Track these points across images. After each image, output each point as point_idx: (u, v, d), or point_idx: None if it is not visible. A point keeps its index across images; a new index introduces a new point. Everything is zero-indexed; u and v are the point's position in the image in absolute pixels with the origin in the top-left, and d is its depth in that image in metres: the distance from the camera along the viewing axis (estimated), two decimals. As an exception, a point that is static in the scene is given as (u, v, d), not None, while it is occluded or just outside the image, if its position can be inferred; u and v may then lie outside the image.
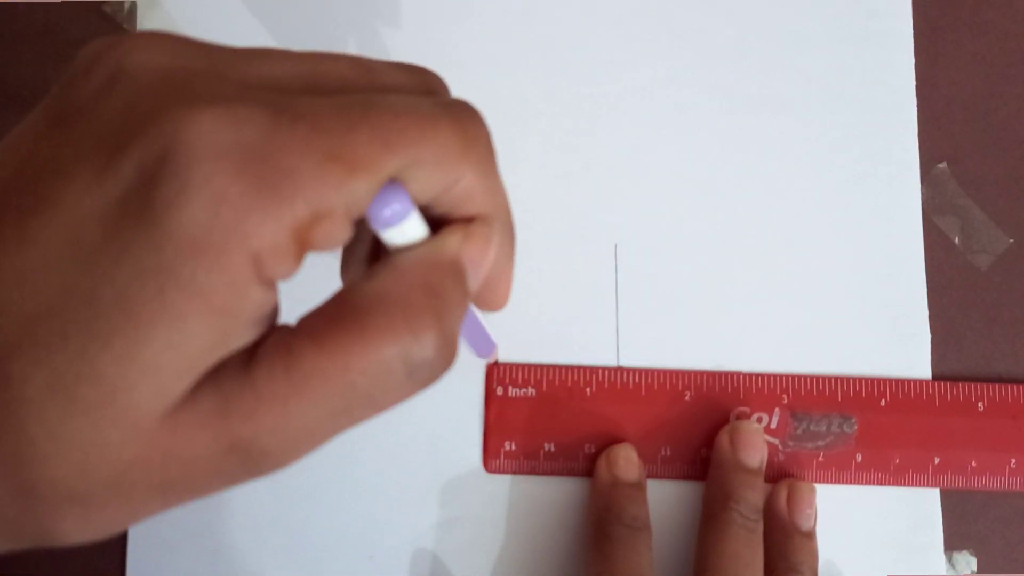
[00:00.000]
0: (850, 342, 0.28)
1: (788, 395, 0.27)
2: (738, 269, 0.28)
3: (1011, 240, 0.28)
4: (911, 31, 0.29)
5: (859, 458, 0.27)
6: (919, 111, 0.28)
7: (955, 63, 0.29)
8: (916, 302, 0.28)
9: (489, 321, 0.24)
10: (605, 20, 0.29)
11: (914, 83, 0.29)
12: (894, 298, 0.28)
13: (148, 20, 0.29)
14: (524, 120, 0.29)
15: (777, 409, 0.27)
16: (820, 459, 0.27)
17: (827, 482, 0.27)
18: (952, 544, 0.27)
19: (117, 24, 0.29)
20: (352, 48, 0.29)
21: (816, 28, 0.29)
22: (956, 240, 0.28)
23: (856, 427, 0.27)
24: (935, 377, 0.28)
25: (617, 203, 0.28)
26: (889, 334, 0.28)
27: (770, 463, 0.27)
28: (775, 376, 0.27)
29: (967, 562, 0.27)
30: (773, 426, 0.27)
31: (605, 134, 0.28)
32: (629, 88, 0.29)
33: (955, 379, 0.28)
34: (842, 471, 0.27)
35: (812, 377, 0.27)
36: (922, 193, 0.28)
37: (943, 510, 0.27)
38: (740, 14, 0.29)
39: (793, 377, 0.27)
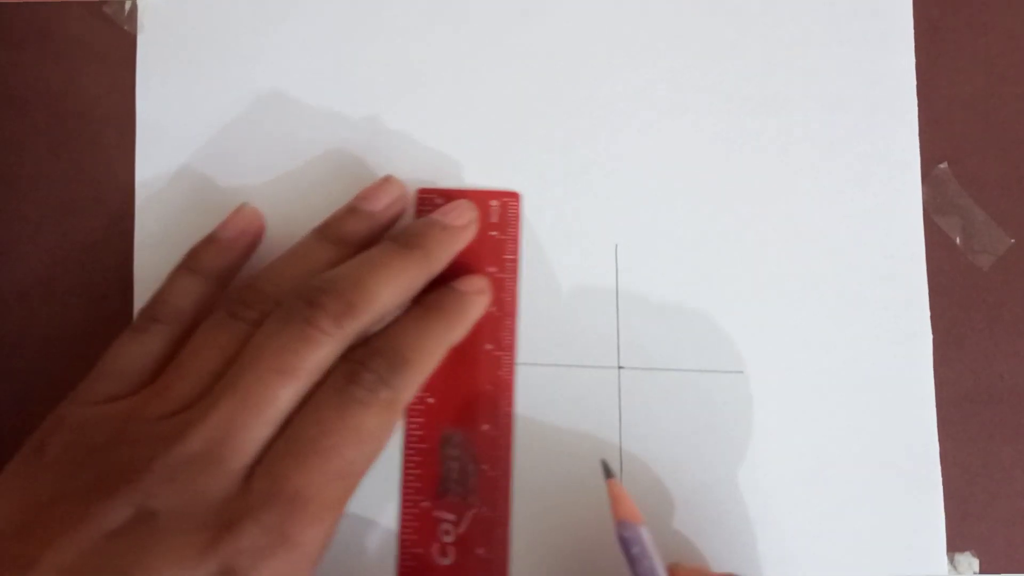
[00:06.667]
0: (851, 342, 0.28)
1: None
2: (738, 269, 0.28)
3: (1012, 240, 0.28)
4: (911, 31, 0.29)
5: None
6: (920, 111, 0.28)
7: (956, 63, 0.29)
8: (917, 302, 0.28)
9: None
10: (605, 21, 0.29)
11: (915, 83, 0.29)
12: (895, 298, 0.28)
13: (148, 21, 0.29)
14: (524, 121, 0.29)
15: None
16: None
17: (828, 483, 0.27)
18: (954, 545, 0.27)
19: (118, 26, 0.29)
20: (351, 50, 0.29)
21: (816, 29, 0.29)
22: (957, 240, 0.28)
23: None
24: (937, 378, 0.28)
25: (617, 203, 0.28)
26: (890, 334, 0.28)
27: None
28: None
29: (969, 563, 0.27)
30: None
31: (604, 135, 0.28)
32: (629, 89, 0.29)
33: (958, 380, 0.27)
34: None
35: None
36: (923, 193, 0.28)
37: (946, 511, 0.27)
38: (740, 15, 0.29)
39: None
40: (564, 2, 0.29)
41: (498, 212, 0.27)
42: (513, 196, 0.28)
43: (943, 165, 0.28)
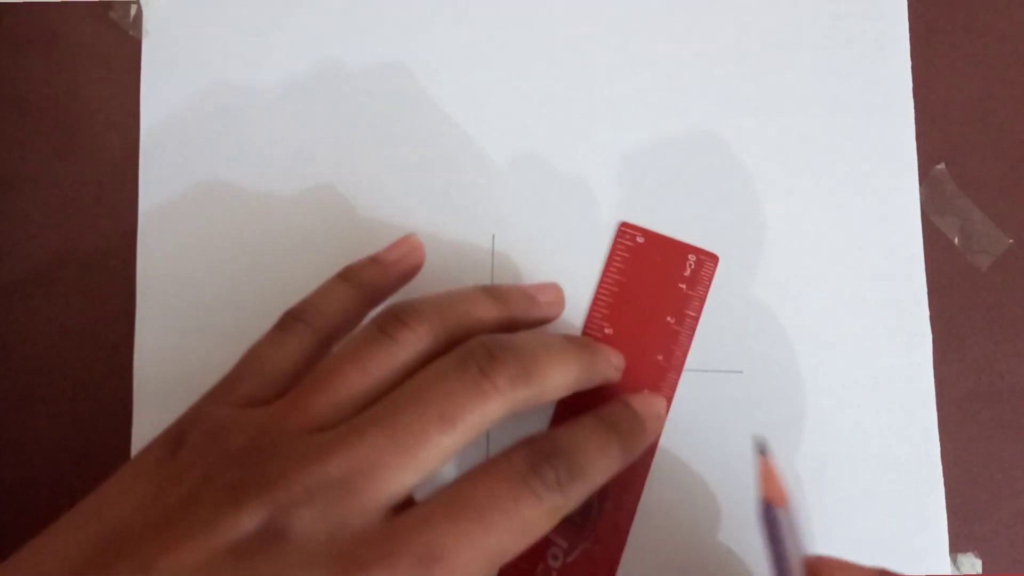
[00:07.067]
0: (851, 343, 0.28)
1: None
2: (738, 270, 0.28)
3: (1011, 240, 0.28)
4: (907, 33, 0.29)
5: None
6: (916, 112, 0.29)
7: (952, 65, 0.29)
8: (917, 303, 0.28)
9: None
10: (604, 23, 0.29)
11: (911, 85, 0.29)
12: (895, 299, 0.28)
13: (153, 26, 0.29)
14: (524, 122, 0.29)
15: None
16: None
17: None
18: (957, 546, 0.27)
19: (122, 30, 0.29)
20: (354, 54, 0.29)
21: (813, 31, 0.29)
22: (956, 240, 0.28)
23: None
24: (937, 378, 0.27)
25: (617, 205, 0.28)
26: (890, 335, 0.28)
27: None
28: None
29: (972, 564, 0.27)
30: None
31: (603, 135, 0.29)
32: (628, 89, 0.29)
33: (958, 380, 0.27)
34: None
35: None
36: (921, 194, 0.28)
37: (948, 511, 0.27)
38: (738, 17, 0.29)
39: None
40: (564, 4, 0.29)
41: (692, 267, 0.27)
42: (712, 257, 0.28)
43: (940, 166, 0.29)
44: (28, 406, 0.28)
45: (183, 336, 0.28)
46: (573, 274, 0.28)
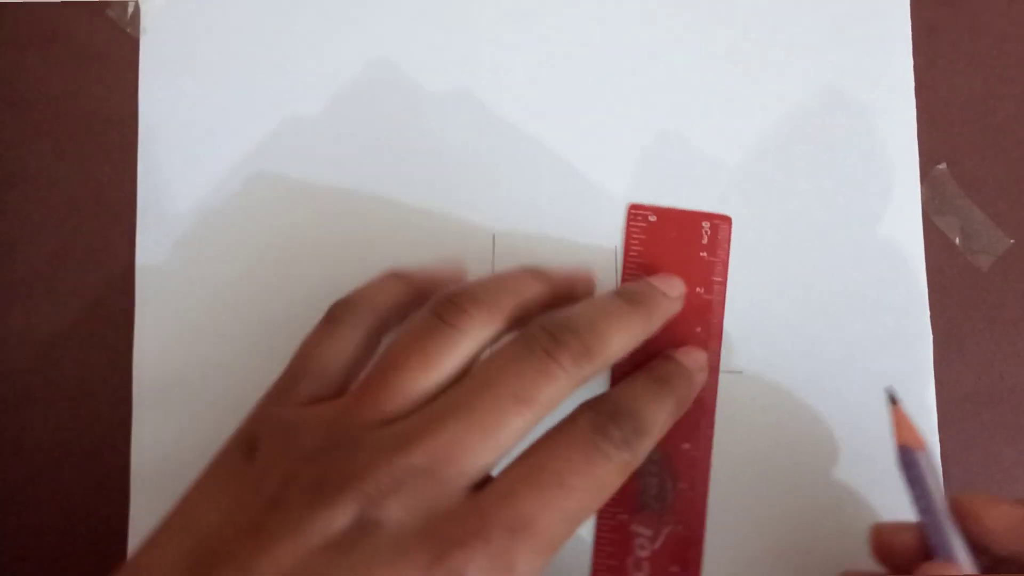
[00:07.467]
0: (851, 343, 0.28)
1: None
2: (738, 268, 0.28)
3: (1011, 240, 0.28)
4: (909, 33, 0.29)
5: None
6: (918, 112, 0.29)
7: (953, 65, 0.29)
8: (917, 303, 0.28)
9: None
10: (604, 25, 0.29)
11: (913, 84, 0.29)
12: (895, 299, 0.28)
13: (151, 24, 0.29)
14: (524, 124, 0.29)
15: None
16: None
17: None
18: (956, 546, 0.27)
19: (120, 28, 0.29)
20: (351, 52, 0.29)
21: (815, 31, 0.29)
22: (956, 241, 0.28)
23: None
24: (937, 378, 0.28)
25: (618, 206, 0.28)
26: (891, 335, 0.28)
27: None
28: None
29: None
30: None
31: (605, 137, 0.29)
32: (628, 90, 0.29)
33: (958, 380, 0.27)
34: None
35: None
36: (922, 194, 0.28)
37: (946, 511, 0.27)
38: (739, 17, 0.29)
39: None
40: (565, 6, 0.29)
41: (709, 234, 0.28)
42: (725, 220, 0.28)
43: (942, 166, 0.29)
44: (27, 406, 0.28)
45: (183, 336, 0.28)
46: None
